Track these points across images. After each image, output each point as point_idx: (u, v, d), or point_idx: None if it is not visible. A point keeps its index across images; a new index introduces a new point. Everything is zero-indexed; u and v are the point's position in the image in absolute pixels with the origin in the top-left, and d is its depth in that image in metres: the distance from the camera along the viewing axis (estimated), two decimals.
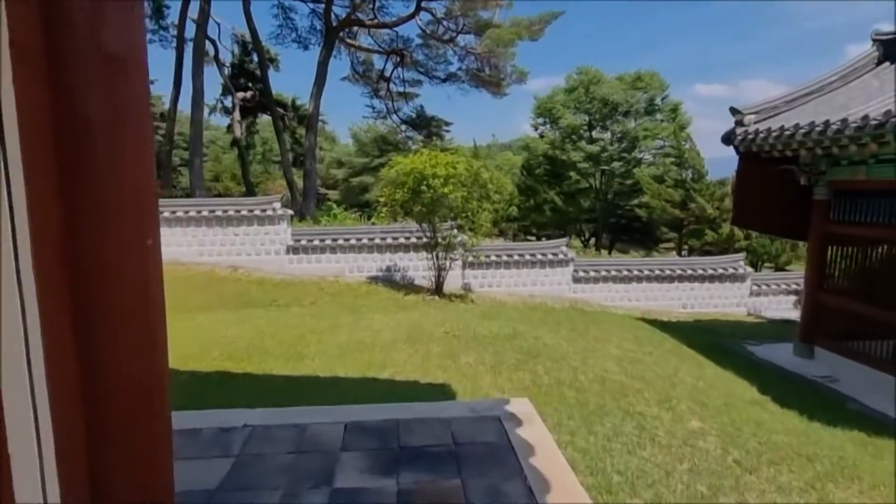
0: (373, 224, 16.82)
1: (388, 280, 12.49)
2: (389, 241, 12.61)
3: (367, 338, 8.11)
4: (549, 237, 40.72)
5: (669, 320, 12.51)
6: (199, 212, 11.95)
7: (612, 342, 9.20)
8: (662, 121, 32.98)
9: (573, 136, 31.71)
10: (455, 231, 11.37)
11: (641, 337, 10.01)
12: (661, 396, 6.78)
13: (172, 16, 25.92)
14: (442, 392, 6.24)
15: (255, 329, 8.34)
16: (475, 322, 9.41)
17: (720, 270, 13.92)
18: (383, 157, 39.17)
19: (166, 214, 11.79)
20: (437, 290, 11.69)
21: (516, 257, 12.94)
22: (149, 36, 26.63)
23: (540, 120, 35.19)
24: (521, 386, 6.54)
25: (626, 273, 13.49)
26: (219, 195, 44.51)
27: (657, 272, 13.68)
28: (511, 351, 7.81)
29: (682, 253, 27.52)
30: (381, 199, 11.41)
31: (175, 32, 24.35)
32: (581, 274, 13.21)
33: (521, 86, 24.94)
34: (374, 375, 6.64)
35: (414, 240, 12.52)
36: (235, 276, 11.49)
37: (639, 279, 13.61)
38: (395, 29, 24.26)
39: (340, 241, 12.40)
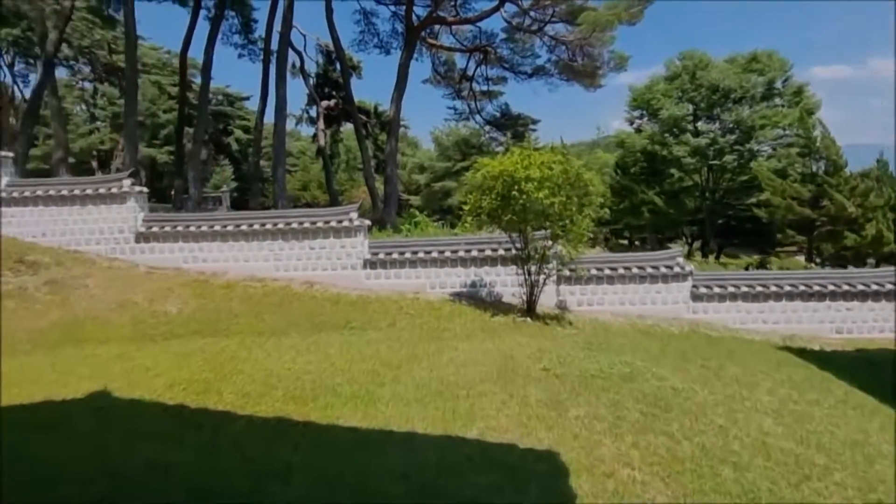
0: (455, 234, 15.62)
1: (474, 297, 11.12)
2: (475, 253, 11.24)
3: (450, 375, 6.79)
4: (644, 241, 37.47)
5: (823, 350, 10.02)
6: (276, 224, 11.32)
7: (760, 386, 7.18)
8: (783, 106, 28.83)
9: (675, 129, 28.50)
10: (550, 241, 9.77)
11: (797, 377, 7.83)
12: (859, 480, 4.82)
13: (260, 30, 26.49)
14: (549, 464, 4.74)
15: (326, 360, 7.31)
16: (579, 354, 7.77)
17: (887, 286, 11.08)
18: (465, 161, 38.12)
19: (244, 228, 11.29)
20: (529, 309, 10.14)
21: (621, 271, 11.04)
22: (238, 51, 27.53)
23: (636, 113, 32.23)
24: (655, 457, 4.87)
25: (760, 289, 11.09)
26: (307, 204, 45.88)
27: (801, 287, 11.13)
28: (632, 400, 6.12)
29: (814, 260, 23.61)
30: (466, 207, 10.08)
31: (262, 46, 24.76)
32: (702, 290, 11.02)
33: (618, 75, 22.60)
34: (460, 433, 5.27)
35: (502, 252, 11.07)
36: (310, 293, 10.69)
37: (777, 296, 11.14)
38: (478, 24, 23.01)
39: (421, 255, 11.23)
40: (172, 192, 25.09)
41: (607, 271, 11.03)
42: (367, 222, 11.80)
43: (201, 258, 11.30)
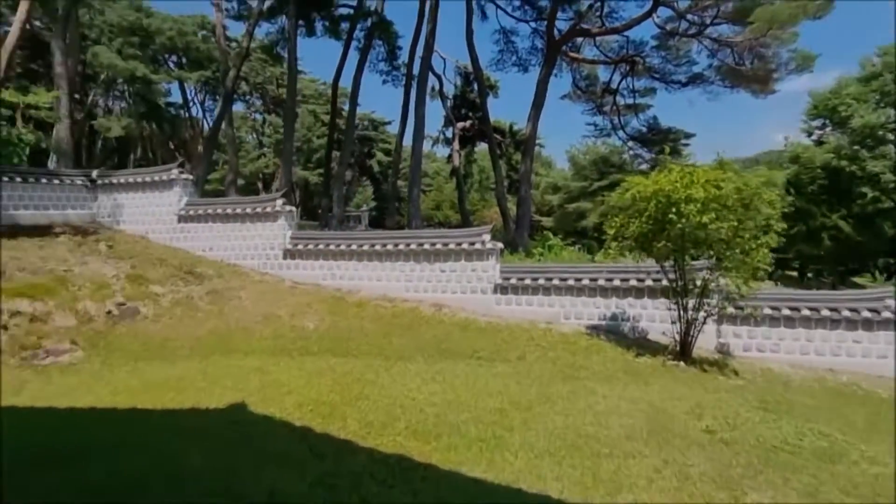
0: (593, 259, 14.45)
1: (614, 332, 9.97)
2: (617, 282, 10.11)
3: (588, 425, 5.90)
4: (820, 274, 31.87)
5: None
6: (408, 245, 11.36)
7: None
8: None
9: (870, 140, 23.76)
10: (713, 273, 8.34)
11: None
12: None
13: (404, 56, 27.90)
14: None
15: (451, 391, 6.87)
16: (753, 416, 6.36)
17: None
18: (603, 181, 36.11)
19: (378, 248, 11.49)
20: (683, 351, 8.74)
21: (806, 312, 9.07)
22: (383, 77, 29.25)
23: (816, 122, 27.58)
24: None
25: None
26: (439, 224, 47.18)
27: None
28: (836, 490, 4.69)
29: None
30: (609, 231, 9.09)
31: (405, 71, 25.99)
32: None
33: (799, 77, 19.38)
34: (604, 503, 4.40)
35: (650, 282, 9.80)
36: (439, 317, 10.45)
37: None
38: (626, 34, 21.63)
39: (556, 281, 10.40)
40: (320, 211, 27.23)
41: (786, 311, 9.15)
42: (500, 245, 11.30)
43: (338, 275, 11.72)
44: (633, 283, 10.02)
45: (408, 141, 26.75)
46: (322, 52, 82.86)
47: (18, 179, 12.11)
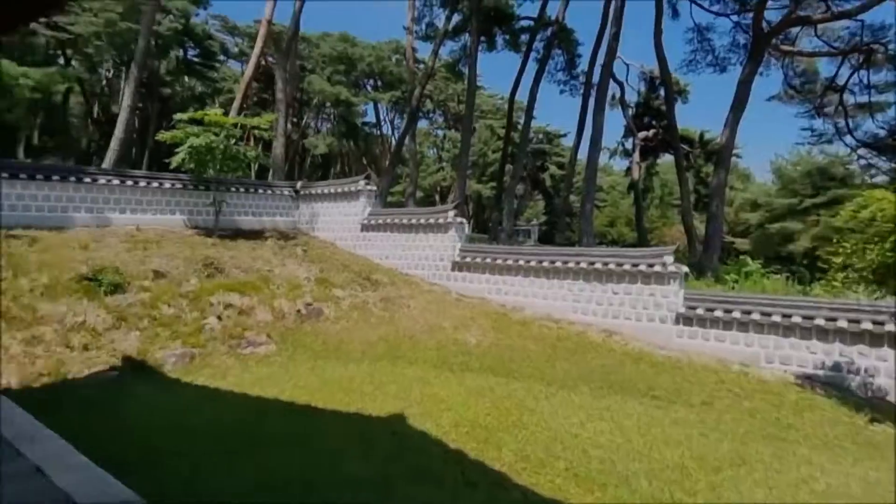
0: (804, 292, 11.95)
1: (836, 386, 7.96)
2: (843, 324, 8.07)
3: None
4: None
5: None
6: (578, 263, 10.65)
7: None
8: None
9: None
10: None
11: None
12: None
13: (584, 64, 26.98)
14: None
15: (620, 434, 6.08)
16: None
17: None
18: (819, 196, 30.30)
19: (545, 264, 11.00)
20: None
21: None
22: (560, 87, 28.65)
23: None
24: None
25: None
26: (612, 242, 44.50)
27: None
28: None
29: None
30: (836, 259, 7.31)
31: (584, 79, 25.10)
32: None
33: None
34: None
35: (892, 327, 7.63)
36: (608, 345, 9.54)
37: None
38: (860, 18, 17.78)
39: (756, 316, 8.72)
40: (490, 224, 27.66)
41: None
42: (684, 268, 9.94)
43: (504, 291, 11.51)
44: (868, 326, 7.90)
45: (583, 154, 25.75)
46: (501, 68, 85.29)
47: (242, 190, 14.45)
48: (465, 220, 12.97)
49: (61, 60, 32.85)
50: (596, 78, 22.35)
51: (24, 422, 4.17)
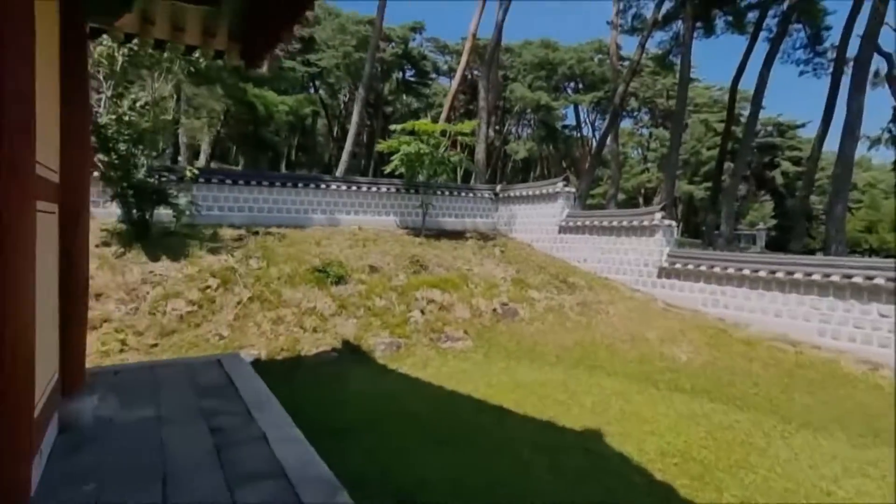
0: None
1: None
2: None
3: None
4: None
5: None
6: (826, 276, 8.54)
7: None
8: None
9: None
10: None
11: None
12: None
13: (833, 37, 22.14)
14: None
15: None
16: None
17: None
18: None
19: (779, 275, 9.12)
20: None
21: None
22: (800, 68, 23.95)
23: None
24: None
25: None
26: (871, 252, 35.49)
27: None
28: None
29: None
30: None
31: (834, 56, 20.55)
32: None
33: None
34: None
35: None
36: (872, 380, 7.42)
37: None
38: None
39: None
40: (704, 228, 24.51)
41: None
42: None
43: (722, 303, 9.91)
44: None
45: (830, 145, 21.09)
46: (718, 56, 75.67)
47: (446, 193, 15.29)
48: (673, 223, 11.58)
49: (312, 90, 39.60)
50: (851, 52, 18.05)
51: (259, 390, 4.86)
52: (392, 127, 14.58)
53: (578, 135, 49.01)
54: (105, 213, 10.29)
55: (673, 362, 8.22)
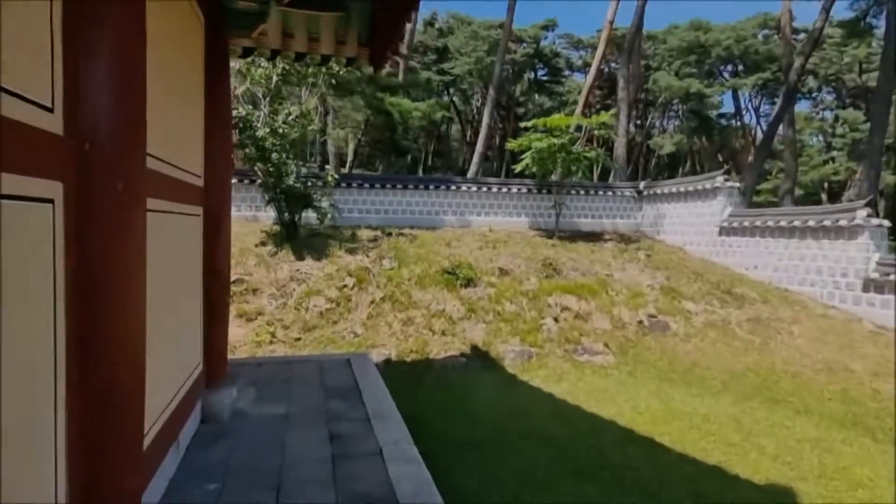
0: None
1: None
2: None
3: None
4: None
5: None
6: None
7: None
8: None
9: None
10: None
11: None
12: None
13: None
14: None
15: None
16: None
17: None
18: None
19: None
20: None
21: None
22: None
23: None
24: None
25: None
26: None
27: None
28: None
29: None
30: None
31: None
32: None
33: None
34: None
35: None
36: None
37: None
38: None
39: None
40: None
41: None
42: None
43: None
44: None
45: None
46: None
47: (582, 192, 14.15)
48: (885, 223, 9.15)
49: (446, 98, 40.51)
50: None
51: (382, 398, 4.57)
52: (523, 124, 13.88)
53: (738, 124, 43.36)
54: (266, 217, 11.21)
55: (888, 403, 6.34)
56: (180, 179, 3.25)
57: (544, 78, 43.60)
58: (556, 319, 8.93)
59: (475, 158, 18.61)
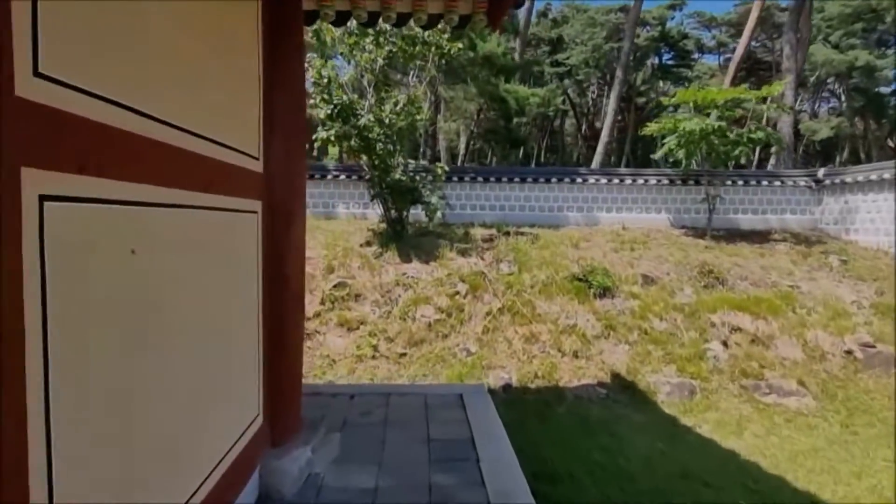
0: None
1: None
2: None
3: None
4: None
5: None
6: None
7: None
8: None
9: None
10: None
11: None
12: None
13: None
14: None
15: None
16: None
17: None
18: None
19: None
20: None
21: None
22: None
23: None
24: None
25: None
26: None
27: None
28: None
29: None
30: None
31: None
32: None
33: None
34: None
35: None
36: None
37: None
38: None
39: None
40: None
41: None
42: None
43: None
44: None
45: None
46: None
47: (740, 182, 11.64)
48: None
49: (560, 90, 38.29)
50: None
51: (509, 463, 3.20)
52: (665, 100, 11.77)
53: None
54: (374, 215, 10.48)
55: None
56: (225, 162, 2.21)
57: (670, 62, 39.67)
58: (724, 344, 6.96)
59: (599, 149, 16.57)
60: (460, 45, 9.42)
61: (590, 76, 37.64)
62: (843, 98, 38.22)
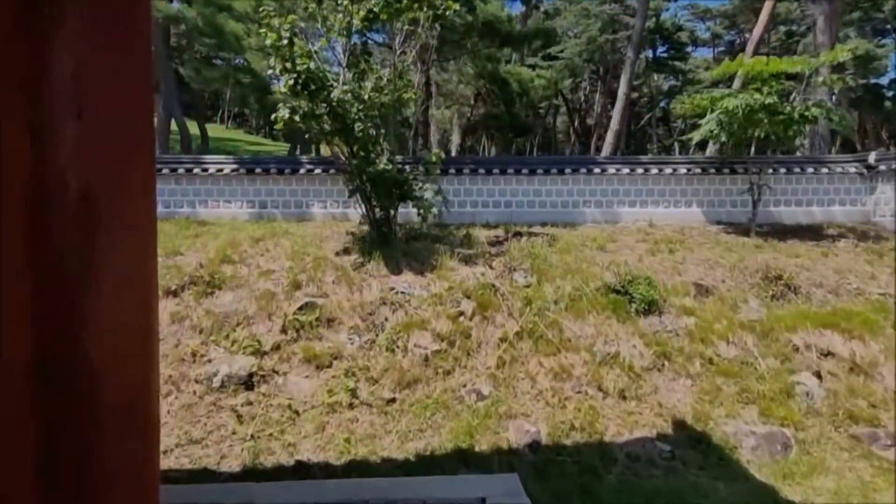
0: None
1: None
2: None
3: None
4: None
5: None
6: None
7: None
8: None
9: None
10: None
11: None
12: None
13: None
14: None
15: None
16: None
17: None
18: None
19: None
20: None
21: None
22: None
23: None
24: None
25: None
26: None
27: None
28: None
29: None
30: None
31: None
32: None
33: None
34: None
35: None
36: None
37: None
38: None
39: None
40: None
41: None
42: None
43: None
44: None
45: None
46: None
47: (782, 170, 10.02)
48: None
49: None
50: None
51: None
52: (712, 72, 10.08)
53: None
54: (356, 214, 8.50)
55: None
56: None
57: (664, 55, 38.45)
58: (817, 375, 5.27)
59: (609, 137, 14.89)
60: (456, 6, 7.65)
61: (583, 71, 36.16)
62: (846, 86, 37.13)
